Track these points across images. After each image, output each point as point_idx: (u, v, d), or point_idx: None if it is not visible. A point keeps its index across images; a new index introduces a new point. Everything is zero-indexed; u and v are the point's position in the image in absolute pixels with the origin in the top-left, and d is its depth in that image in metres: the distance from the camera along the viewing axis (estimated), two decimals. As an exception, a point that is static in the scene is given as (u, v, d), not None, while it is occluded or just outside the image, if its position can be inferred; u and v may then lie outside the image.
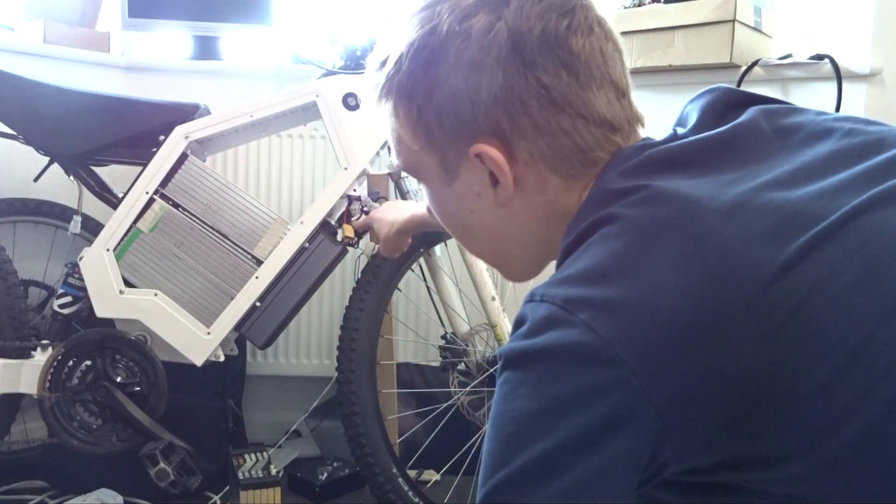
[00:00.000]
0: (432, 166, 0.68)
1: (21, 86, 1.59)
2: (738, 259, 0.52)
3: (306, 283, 1.57)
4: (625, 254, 0.55)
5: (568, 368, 0.53)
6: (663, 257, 0.53)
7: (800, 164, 0.59)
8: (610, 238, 0.56)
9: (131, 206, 1.58)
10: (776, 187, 0.56)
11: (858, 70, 1.54)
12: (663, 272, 0.53)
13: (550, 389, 0.53)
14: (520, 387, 0.55)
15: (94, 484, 1.72)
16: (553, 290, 0.56)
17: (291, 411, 2.07)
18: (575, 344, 0.52)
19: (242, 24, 2.15)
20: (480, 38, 0.61)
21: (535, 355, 0.54)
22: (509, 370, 0.56)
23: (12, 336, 1.63)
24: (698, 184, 0.57)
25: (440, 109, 0.63)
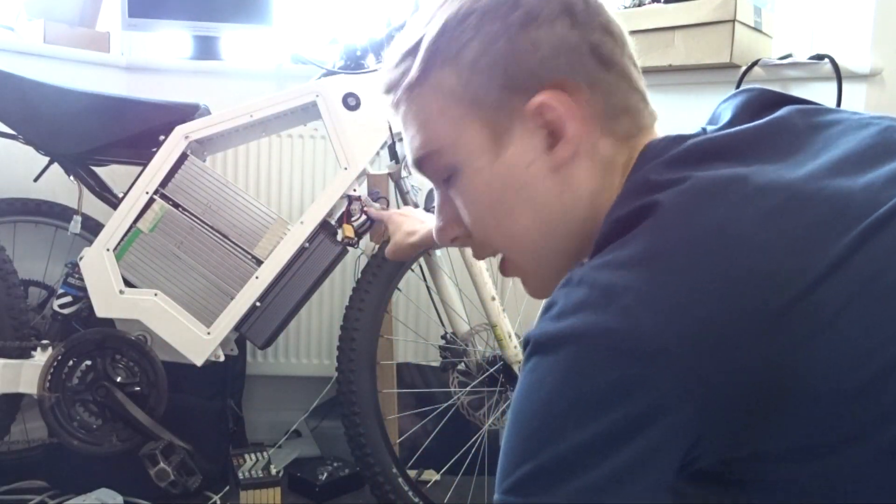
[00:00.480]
0: (477, 140, 0.63)
1: (21, 86, 1.59)
2: (786, 257, 0.51)
3: (306, 283, 1.57)
4: (672, 245, 0.53)
5: (603, 356, 0.50)
6: (711, 251, 0.52)
7: (843, 155, 0.57)
8: (657, 227, 0.54)
9: (131, 206, 1.58)
10: (825, 176, 0.55)
11: (858, 70, 1.54)
12: (710, 267, 0.51)
13: (583, 379, 0.51)
14: (549, 374, 0.52)
15: (94, 484, 1.72)
16: (594, 273, 0.54)
17: (291, 411, 2.07)
18: (614, 331, 0.50)
19: (242, 24, 2.15)
20: (525, 3, 0.62)
21: (568, 339, 0.52)
22: (538, 355, 0.53)
23: (12, 336, 1.63)
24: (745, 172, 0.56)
25: (494, 67, 0.62)
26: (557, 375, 0.52)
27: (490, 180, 0.64)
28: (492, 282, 1.64)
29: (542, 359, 0.53)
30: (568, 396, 0.51)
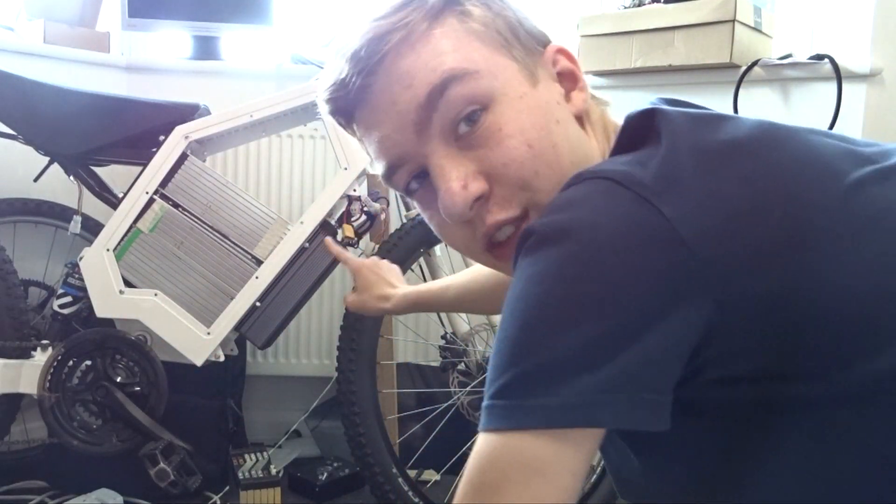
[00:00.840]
0: (513, 70, 0.61)
1: (21, 86, 1.59)
2: (816, 162, 0.51)
3: (306, 283, 1.57)
4: (700, 147, 0.52)
5: (619, 243, 0.47)
6: (739, 159, 0.51)
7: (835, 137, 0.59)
8: (679, 134, 0.53)
9: (131, 206, 1.58)
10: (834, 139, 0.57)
11: (858, 70, 1.54)
12: (740, 170, 0.50)
13: (593, 268, 0.47)
14: (553, 265, 0.49)
15: (94, 484, 1.72)
16: (607, 166, 0.52)
17: (291, 411, 2.07)
18: (631, 217, 0.48)
19: (242, 24, 2.15)
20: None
21: (578, 228, 0.49)
22: (544, 248, 0.49)
23: (12, 336, 1.63)
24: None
25: (511, 19, 0.63)
26: (561, 265, 0.48)
27: (534, 107, 0.60)
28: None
29: (548, 250, 0.49)
30: (574, 288, 0.48)
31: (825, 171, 0.52)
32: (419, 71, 0.59)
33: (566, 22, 2.07)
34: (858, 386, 0.48)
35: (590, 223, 0.49)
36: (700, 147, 0.52)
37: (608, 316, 0.47)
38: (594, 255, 0.48)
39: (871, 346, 0.47)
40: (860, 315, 0.48)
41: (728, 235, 0.48)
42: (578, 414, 0.47)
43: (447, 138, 0.60)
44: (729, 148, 0.52)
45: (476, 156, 0.60)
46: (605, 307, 0.47)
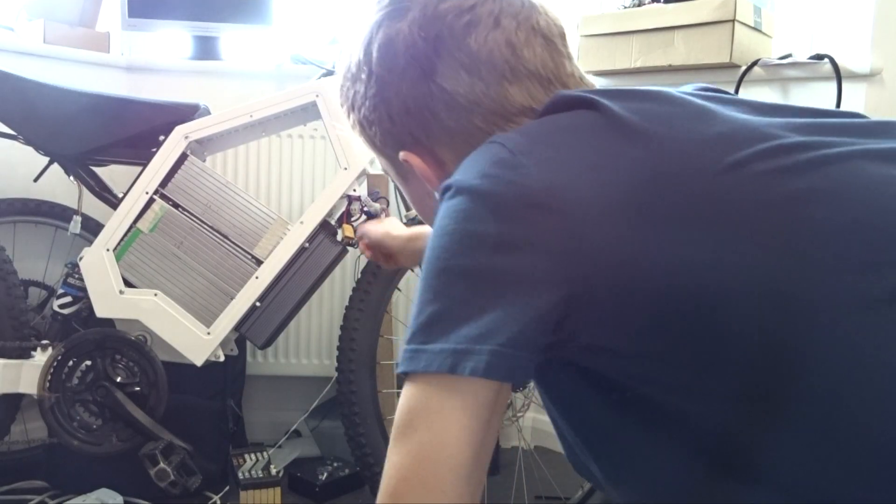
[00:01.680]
0: (390, 170, 0.73)
1: (21, 86, 1.59)
2: (686, 144, 0.54)
3: (306, 283, 1.57)
4: (564, 129, 0.57)
5: (497, 209, 0.52)
6: (607, 137, 0.55)
7: (741, 106, 0.61)
8: (549, 119, 0.59)
9: (131, 206, 1.58)
10: (730, 109, 0.59)
11: (858, 70, 1.54)
12: (606, 148, 0.54)
13: (474, 228, 0.52)
14: (444, 220, 0.54)
15: (94, 484, 1.72)
16: (508, 135, 0.57)
17: (291, 411, 2.07)
18: (502, 182, 0.53)
19: (242, 24, 2.15)
20: (381, 57, 0.64)
21: (462, 189, 0.54)
22: (443, 202, 0.55)
23: (12, 336, 1.63)
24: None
25: (370, 123, 0.68)
26: (454, 222, 0.53)
27: (412, 198, 0.74)
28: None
29: (446, 204, 0.55)
30: (455, 246, 0.53)
31: (697, 152, 0.54)
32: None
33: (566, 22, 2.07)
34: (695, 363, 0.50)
35: (470, 180, 0.54)
36: (572, 126, 0.58)
37: (478, 270, 0.52)
38: (470, 211, 0.53)
39: (705, 328, 0.50)
40: (695, 292, 0.50)
41: (581, 198, 0.52)
42: (449, 361, 0.50)
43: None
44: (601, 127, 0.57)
45: None
46: (475, 262, 0.52)
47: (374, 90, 0.65)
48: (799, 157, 0.53)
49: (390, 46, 0.63)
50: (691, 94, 0.62)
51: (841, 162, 0.53)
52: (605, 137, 0.55)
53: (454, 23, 0.61)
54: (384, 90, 0.64)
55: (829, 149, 0.54)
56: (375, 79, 0.65)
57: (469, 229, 0.52)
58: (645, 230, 0.50)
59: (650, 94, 0.60)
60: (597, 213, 0.51)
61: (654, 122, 0.56)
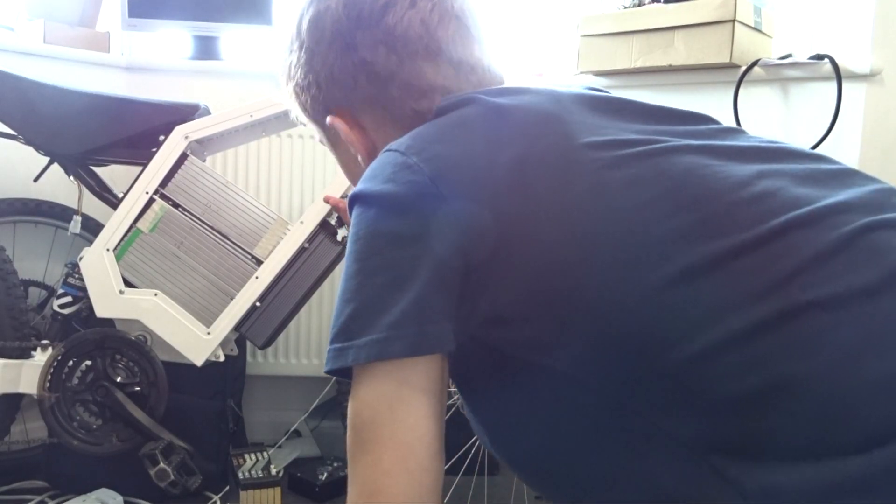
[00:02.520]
0: (322, 136, 0.78)
1: (21, 86, 1.59)
2: (556, 124, 0.61)
3: (306, 283, 1.57)
4: (450, 125, 0.63)
5: (390, 207, 0.58)
6: (485, 124, 0.62)
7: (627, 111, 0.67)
8: (441, 119, 0.65)
9: (131, 206, 1.58)
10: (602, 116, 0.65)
11: (858, 70, 1.54)
12: (482, 133, 0.61)
13: (376, 227, 0.58)
14: (353, 227, 0.60)
15: (94, 484, 1.72)
16: (400, 140, 0.63)
17: (291, 411, 2.07)
18: (396, 175, 0.58)
19: (242, 24, 2.15)
20: (311, 30, 0.71)
21: (364, 193, 0.59)
22: (352, 211, 0.61)
23: (12, 336, 1.63)
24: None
25: (301, 90, 0.74)
26: (359, 229, 0.59)
27: (342, 164, 0.80)
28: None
29: (353, 213, 0.61)
30: (362, 248, 0.58)
31: (557, 131, 0.60)
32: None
33: (566, 22, 2.08)
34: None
35: (373, 191, 0.59)
36: (450, 124, 0.64)
37: (387, 267, 0.56)
38: (374, 215, 0.58)
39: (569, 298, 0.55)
40: (558, 270, 0.55)
41: (466, 181, 0.58)
42: (377, 348, 0.55)
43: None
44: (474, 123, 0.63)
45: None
46: (384, 260, 0.57)
47: (304, 59, 0.72)
48: (627, 151, 0.60)
49: (319, 21, 0.70)
50: (569, 93, 0.68)
51: (660, 155, 0.60)
52: (488, 125, 0.61)
53: (374, 2, 0.68)
54: (312, 60, 0.71)
55: (652, 145, 0.61)
56: (305, 49, 0.72)
57: (375, 230, 0.58)
58: (522, 205, 0.57)
59: (529, 89, 0.66)
60: (482, 192, 0.57)
61: (530, 109, 0.63)
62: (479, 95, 0.65)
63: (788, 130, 1.66)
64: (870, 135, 1.55)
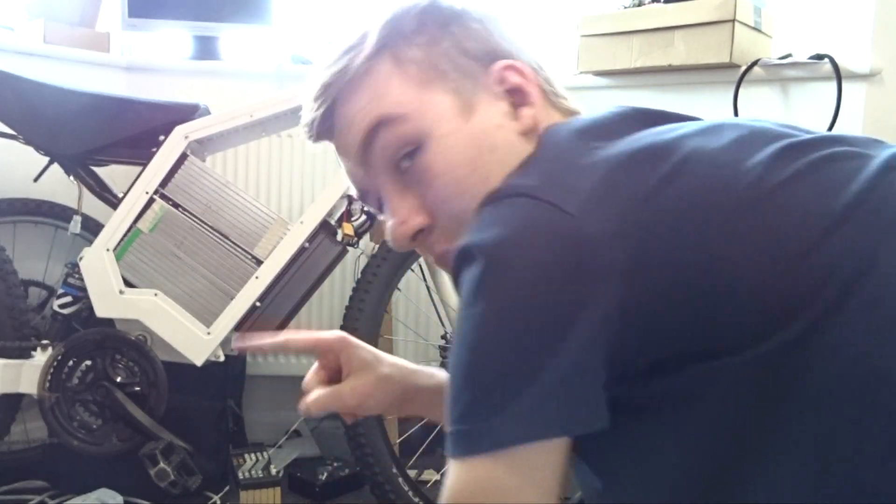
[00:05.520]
0: (444, 106, 0.62)
1: (21, 86, 1.59)
2: (717, 153, 0.54)
3: (306, 283, 1.57)
4: (584, 163, 0.55)
5: (532, 256, 0.50)
6: (629, 163, 0.54)
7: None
8: (573, 156, 0.57)
9: (131, 206, 1.58)
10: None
11: (858, 70, 1.54)
12: (626, 170, 0.54)
13: (511, 284, 0.50)
14: (478, 287, 0.50)
15: (94, 484, 1.72)
16: (516, 181, 0.55)
17: (291, 411, 2.05)
18: (541, 227, 0.51)
19: (242, 24, 2.15)
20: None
21: (495, 247, 0.51)
22: (471, 269, 0.51)
23: (12, 336, 1.63)
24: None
25: (452, 44, 0.64)
26: (487, 285, 0.50)
27: (463, 142, 0.61)
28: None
29: (475, 271, 0.51)
30: (498, 306, 0.50)
31: (723, 155, 0.54)
32: (356, 115, 0.64)
33: (566, 22, 2.07)
34: (772, 358, 0.49)
35: (504, 242, 0.51)
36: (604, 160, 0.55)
37: (530, 330, 0.49)
38: (511, 272, 0.50)
39: (778, 319, 0.49)
40: (762, 287, 0.49)
41: (630, 224, 0.50)
42: (523, 430, 0.48)
43: (392, 174, 0.64)
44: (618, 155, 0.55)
45: (418, 191, 0.63)
46: (525, 322, 0.49)
47: (467, 15, 0.66)
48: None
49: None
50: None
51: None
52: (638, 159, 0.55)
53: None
54: (477, 17, 0.67)
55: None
56: (469, 6, 0.67)
57: (509, 286, 0.50)
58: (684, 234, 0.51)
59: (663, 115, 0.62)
60: (640, 231, 0.51)
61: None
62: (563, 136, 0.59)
63: (788, 130, 1.65)
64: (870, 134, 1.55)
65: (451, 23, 0.64)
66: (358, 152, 0.65)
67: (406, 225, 0.63)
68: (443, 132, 0.61)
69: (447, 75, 0.63)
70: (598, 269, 0.49)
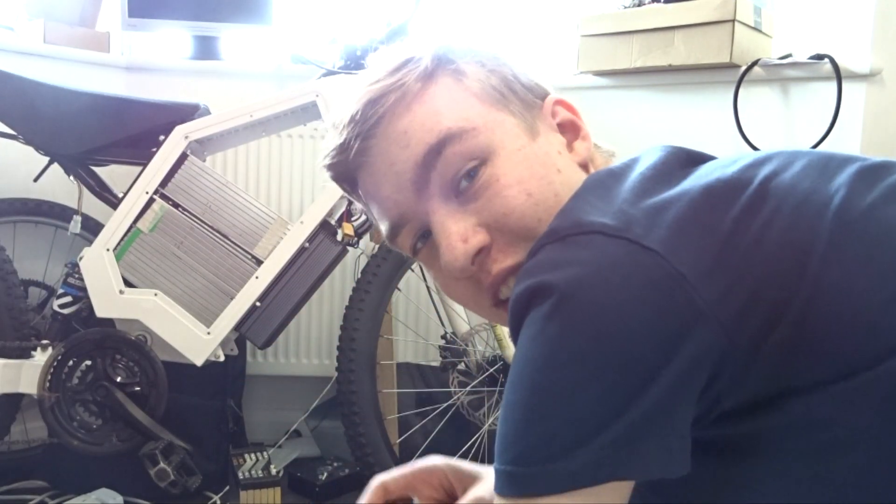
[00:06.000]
0: (511, 125, 0.62)
1: (21, 86, 1.59)
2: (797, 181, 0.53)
3: (306, 283, 1.57)
4: (653, 201, 0.52)
5: (617, 294, 0.47)
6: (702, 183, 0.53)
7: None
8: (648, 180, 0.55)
9: (131, 206, 1.58)
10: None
11: (858, 70, 1.54)
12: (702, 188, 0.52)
13: (595, 324, 0.47)
14: (556, 325, 0.48)
15: (94, 484, 1.72)
16: (587, 218, 0.51)
17: (291, 411, 2.07)
18: (625, 264, 0.48)
19: (242, 24, 2.15)
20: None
21: (576, 285, 0.48)
22: (544, 307, 0.48)
23: (12, 336, 1.63)
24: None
25: (513, 67, 0.65)
26: (559, 324, 0.48)
27: (533, 158, 0.61)
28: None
29: (550, 308, 0.48)
30: (574, 346, 0.47)
31: (803, 181, 0.53)
32: (415, 131, 0.60)
33: (566, 22, 2.07)
34: (861, 394, 0.47)
35: (585, 279, 0.48)
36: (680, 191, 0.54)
37: (616, 370, 0.47)
38: (595, 310, 0.47)
39: (873, 351, 0.47)
40: (859, 320, 0.48)
41: (719, 259, 0.48)
42: (597, 472, 0.47)
43: (447, 195, 0.61)
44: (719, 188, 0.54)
45: (476, 208, 0.60)
46: (611, 362, 0.47)
47: (511, 55, 0.67)
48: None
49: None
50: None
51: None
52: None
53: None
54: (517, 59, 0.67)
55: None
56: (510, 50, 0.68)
57: (580, 330, 0.48)
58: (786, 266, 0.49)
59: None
60: (735, 268, 0.49)
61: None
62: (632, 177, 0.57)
63: (788, 130, 1.65)
64: (870, 134, 1.55)
65: (500, 55, 0.65)
66: (414, 171, 0.61)
67: (468, 243, 0.59)
68: (513, 146, 0.61)
69: (508, 99, 0.63)
70: (691, 309, 0.47)
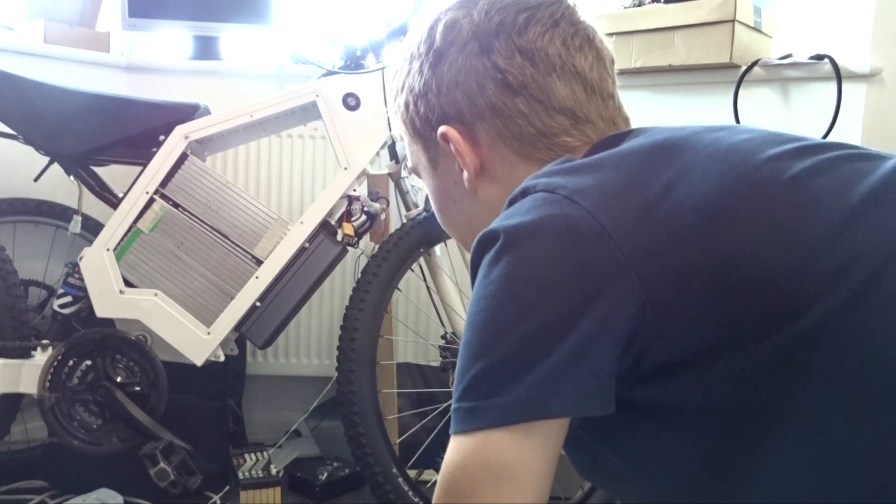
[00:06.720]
0: (422, 157, 0.74)
1: (21, 86, 1.59)
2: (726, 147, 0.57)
3: (306, 283, 1.57)
4: (598, 158, 0.59)
5: (547, 243, 0.52)
6: (636, 151, 0.58)
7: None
8: (594, 158, 0.60)
9: (131, 206, 1.58)
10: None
11: (858, 70, 1.54)
12: (634, 159, 0.57)
13: (527, 269, 0.52)
14: (493, 270, 0.53)
15: (94, 484, 1.72)
16: (540, 180, 0.58)
17: (291, 411, 2.07)
18: (558, 217, 0.53)
19: (242, 24, 2.15)
20: (445, 33, 0.68)
21: (513, 233, 0.54)
22: (487, 254, 0.55)
23: (12, 336, 1.63)
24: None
25: (415, 100, 0.70)
26: (504, 269, 0.53)
27: (435, 191, 0.74)
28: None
29: (489, 255, 0.55)
30: (513, 289, 0.52)
31: (733, 150, 0.56)
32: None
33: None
34: (788, 349, 0.49)
35: (523, 228, 0.54)
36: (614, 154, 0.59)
37: (542, 312, 0.51)
38: (528, 256, 0.53)
39: (783, 314, 0.49)
40: (770, 286, 0.50)
41: (642, 219, 0.52)
42: (528, 407, 0.50)
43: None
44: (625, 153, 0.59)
45: None
46: (538, 304, 0.51)
47: (430, 63, 0.68)
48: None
49: (455, 24, 0.67)
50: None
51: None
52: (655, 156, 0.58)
53: (517, 15, 0.66)
54: (439, 62, 0.68)
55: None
56: (434, 51, 0.68)
57: (524, 272, 0.53)
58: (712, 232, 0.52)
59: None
60: (660, 227, 0.53)
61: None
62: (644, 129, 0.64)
63: (788, 130, 1.65)
64: (870, 135, 1.55)
65: (416, 75, 0.72)
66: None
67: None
68: (426, 180, 0.79)
69: (416, 133, 0.76)
70: (613, 262, 0.51)
